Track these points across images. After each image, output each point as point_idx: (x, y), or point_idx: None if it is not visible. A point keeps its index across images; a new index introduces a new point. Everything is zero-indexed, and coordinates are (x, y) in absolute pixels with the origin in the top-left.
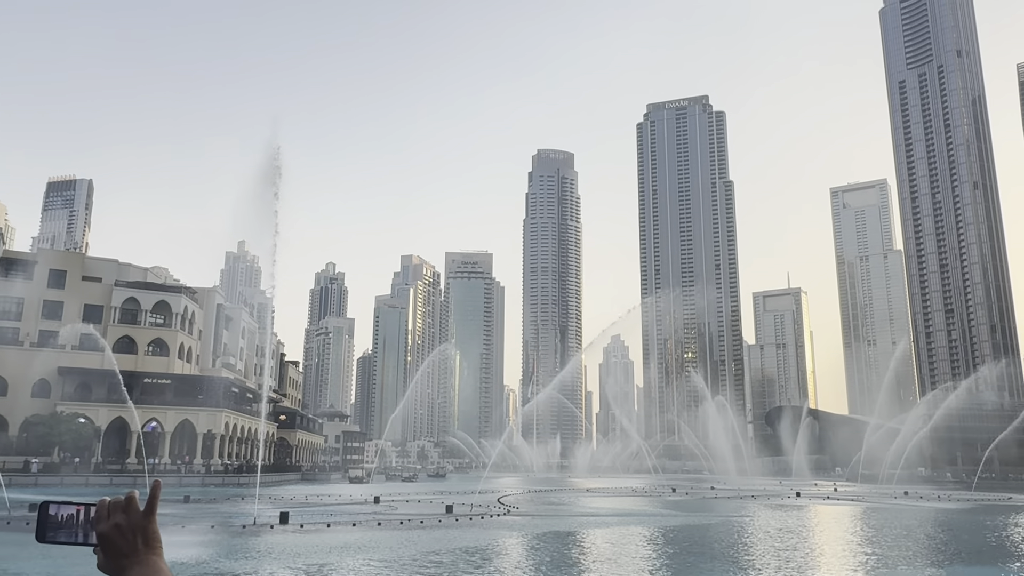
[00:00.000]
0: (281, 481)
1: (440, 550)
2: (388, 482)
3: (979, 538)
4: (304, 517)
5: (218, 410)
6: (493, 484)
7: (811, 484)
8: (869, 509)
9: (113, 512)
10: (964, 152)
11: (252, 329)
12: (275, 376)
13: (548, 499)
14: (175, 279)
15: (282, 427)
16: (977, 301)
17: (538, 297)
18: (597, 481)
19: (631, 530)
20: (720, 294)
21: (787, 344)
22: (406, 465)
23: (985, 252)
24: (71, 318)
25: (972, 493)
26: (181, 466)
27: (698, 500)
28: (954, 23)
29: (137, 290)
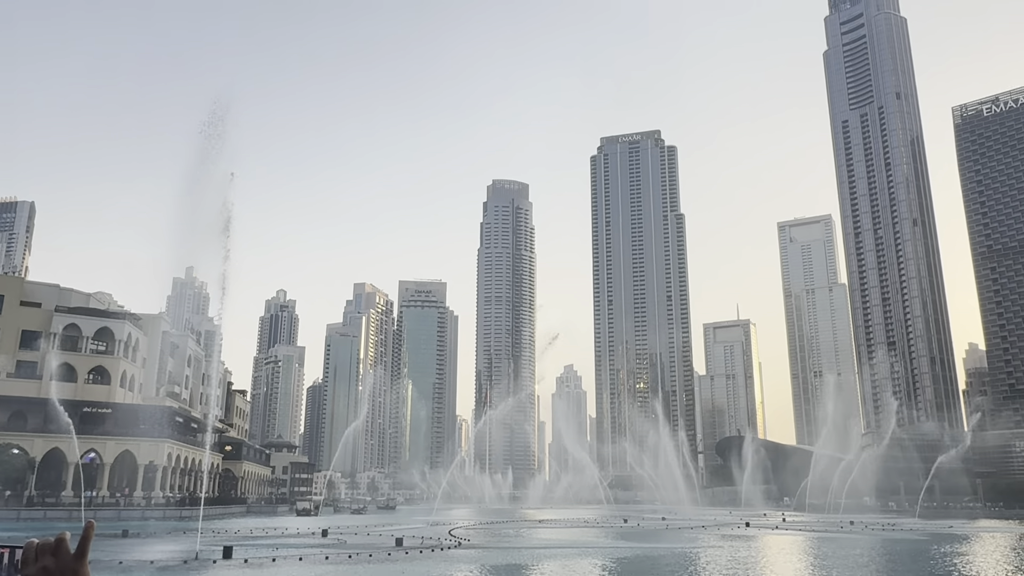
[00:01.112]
0: (225, 514)
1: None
2: (336, 514)
3: (923, 568)
4: (249, 552)
5: (161, 440)
6: (444, 516)
7: (760, 514)
8: (816, 539)
9: (41, 555)
10: (904, 190)
11: (199, 357)
12: (222, 405)
13: (500, 531)
14: (119, 305)
15: (228, 458)
16: (918, 334)
17: (492, 326)
18: (549, 512)
19: (583, 562)
20: (672, 325)
21: (737, 375)
22: (355, 497)
23: (924, 287)
24: (7, 345)
25: (915, 521)
26: (120, 499)
27: (650, 531)
28: (893, 67)
29: (78, 316)
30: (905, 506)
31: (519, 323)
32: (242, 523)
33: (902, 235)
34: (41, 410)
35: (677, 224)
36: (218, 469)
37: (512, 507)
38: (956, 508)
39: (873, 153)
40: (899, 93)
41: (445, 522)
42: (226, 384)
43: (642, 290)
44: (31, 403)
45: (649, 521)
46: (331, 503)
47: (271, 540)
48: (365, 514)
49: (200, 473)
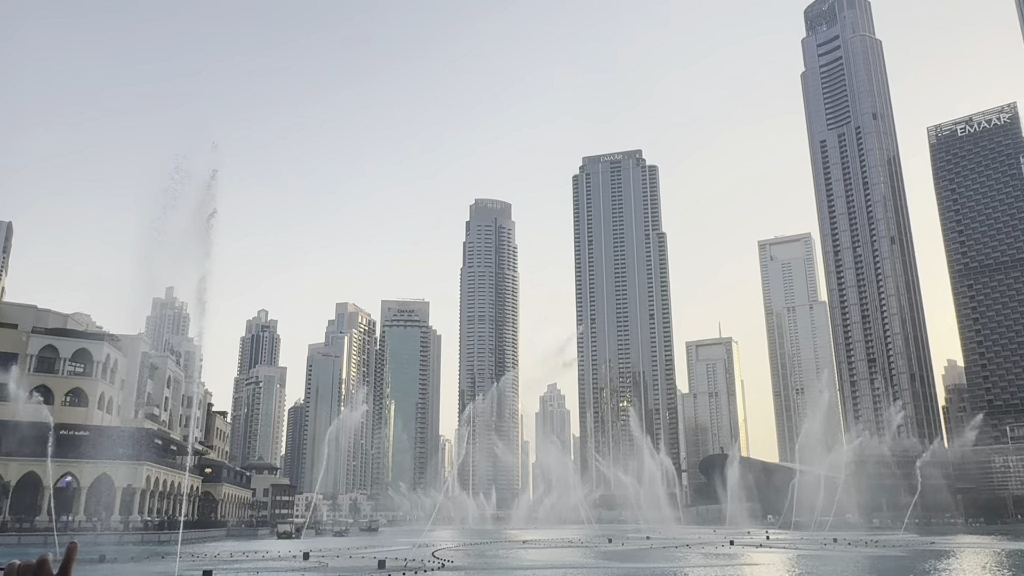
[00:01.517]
0: (205, 537)
1: None
2: (318, 537)
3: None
4: (228, 575)
5: (139, 463)
6: (428, 537)
7: (744, 532)
8: (800, 557)
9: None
10: (882, 208)
11: (178, 378)
12: (201, 427)
13: (484, 552)
14: (98, 326)
15: (208, 480)
16: (897, 351)
17: (475, 346)
18: (534, 532)
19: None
20: (654, 343)
21: (719, 393)
22: (337, 519)
23: (903, 304)
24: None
25: (898, 538)
26: (97, 523)
27: (634, 550)
28: (869, 88)
29: (56, 337)
30: (888, 522)
31: (502, 342)
32: (222, 546)
33: (880, 253)
34: (16, 433)
35: (659, 243)
36: (198, 492)
37: (496, 528)
38: (938, 524)
39: (851, 172)
40: (875, 113)
41: (428, 543)
42: (206, 405)
43: (625, 309)
44: (6, 426)
45: (633, 541)
46: (313, 525)
47: (252, 564)
48: (347, 536)
49: (179, 496)
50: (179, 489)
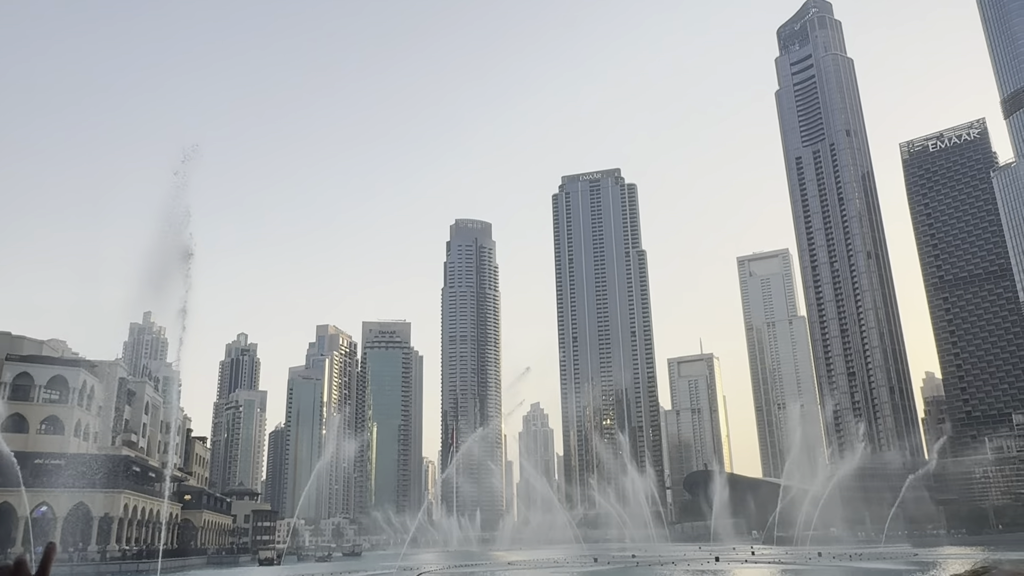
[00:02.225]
0: (185, 566)
1: None
2: (300, 563)
3: None
4: None
5: (117, 491)
6: (412, 560)
7: (730, 548)
8: (785, 572)
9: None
10: (857, 224)
11: (156, 404)
12: (180, 453)
13: (469, 574)
14: (74, 352)
15: (187, 507)
16: (876, 364)
17: (457, 366)
18: (519, 554)
19: None
20: (636, 361)
21: (702, 409)
22: (320, 544)
23: (881, 317)
24: None
25: (882, 550)
26: (74, 554)
27: (620, 569)
28: (842, 105)
29: (30, 364)
30: (872, 535)
31: (484, 362)
32: (202, 575)
33: (857, 268)
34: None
35: (639, 260)
36: (177, 519)
37: (481, 549)
38: (921, 536)
39: (826, 188)
40: (849, 130)
41: (413, 567)
42: (185, 431)
43: (606, 327)
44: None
45: (619, 559)
46: (295, 551)
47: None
48: (330, 561)
49: (158, 524)
50: (158, 517)
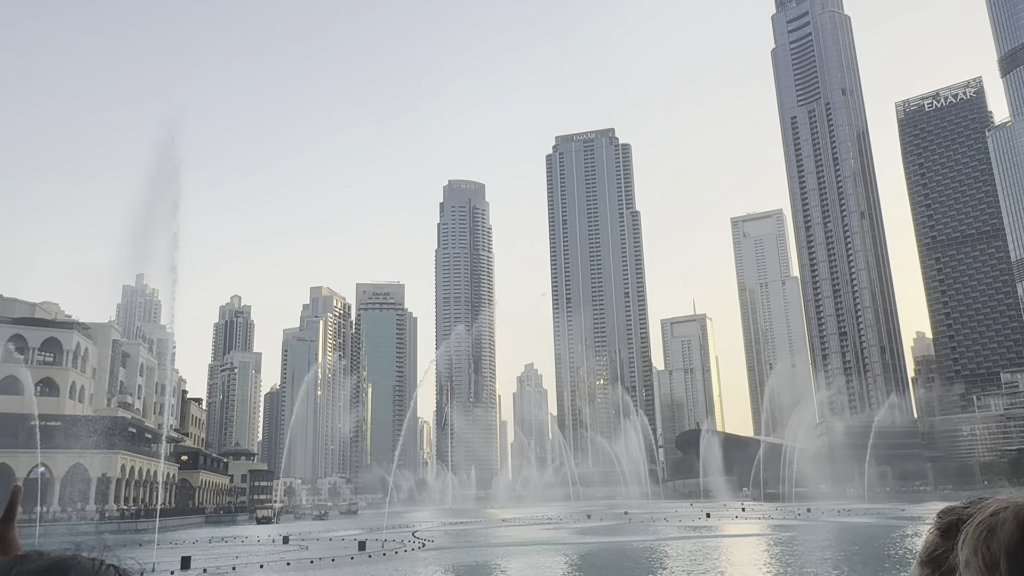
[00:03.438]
0: (183, 525)
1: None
2: (297, 521)
3: (881, 550)
4: (208, 561)
5: (114, 452)
6: (408, 518)
7: (721, 505)
8: (775, 527)
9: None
10: (851, 184)
11: (151, 366)
12: (176, 415)
13: (464, 531)
14: (67, 315)
15: (184, 468)
16: (868, 324)
17: (451, 327)
18: (513, 511)
19: (547, 559)
20: (630, 321)
21: (695, 369)
22: (316, 503)
23: (873, 278)
24: None
25: (869, 507)
26: (73, 513)
27: (613, 526)
28: (839, 64)
29: (24, 326)
30: (859, 492)
31: (478, 323)
32: (200, 533)
33: (851, 228)
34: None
35: (633, 221)
36: (174, 479)
37: (476, 507)
38: (908, 492)
39: (821, 148)
40: (844, 89)
41: (408, 524)
42: (180, 393)
43: (600, 287)
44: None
45: (612, 517)
46: (292, 510)
47: (231, 549)
48: (327, 519)
49: (155, 484)
50: (155, 477)
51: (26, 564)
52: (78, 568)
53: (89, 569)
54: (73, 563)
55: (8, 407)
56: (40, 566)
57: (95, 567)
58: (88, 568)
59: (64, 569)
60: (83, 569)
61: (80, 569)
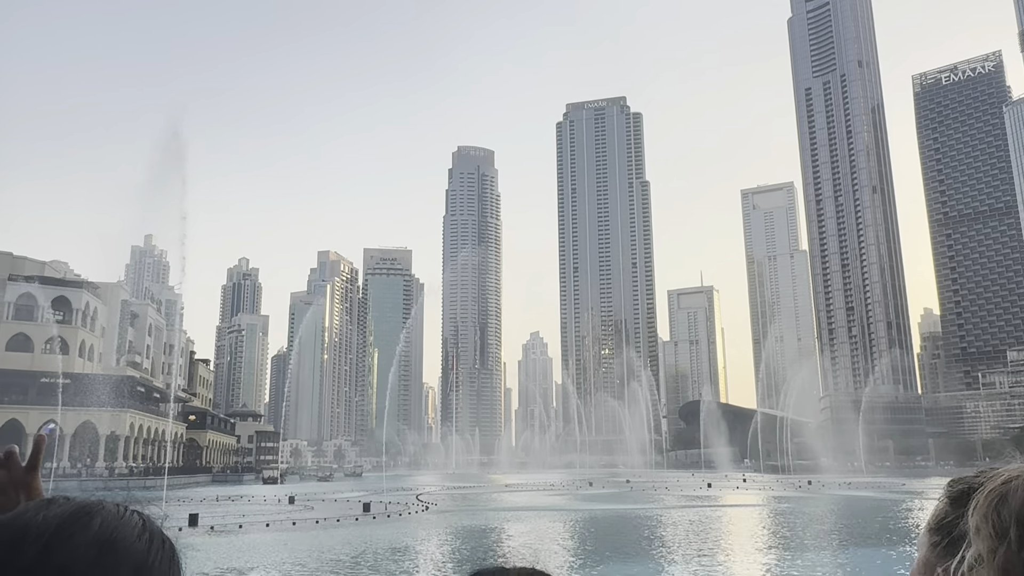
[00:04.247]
0: (190, 483)
1: (356, 548)
2: (303, 482)
3: (878, 523)
4: (215, 519)
5: (122, 411)
6: (412, 481)
7: (722, 476)
8: (776, 498)
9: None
10: (864, 158)
11: (160, 326)
12: (184, 375)
13: (467, 495)
14: (76, 274)
15: (192, 427)
16: (875, 299)
17: (458, 294)
18: (516, 477)
19: (548, 523)
20: (636, 291)
21: (700, 340)
22: (322, 465)
23: (883, 253)
24: None
25: (870, 480)
26: (82, 470)
27: (614, 493)
28: (856, 35)
29: (33, 285)
30: (861, 466)
31: (485, 290)
32: (207, 491)
33: (862, 202)
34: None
35: (642, 191)
36: (182, 439)
37: (479, 473)
38: (909, 467)
39: (835, 121)
40: (861, 61)
41: (412, 487)
42: (188, 353)
43: (607, 257)
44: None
45: (614, 484)
46: (297, 471)
47: (237, 507)
48: (332, 481)
49: (164, 443)
50: (163, 436)
51: (53, 508)
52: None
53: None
54: (99, 508)
55: (18, 364)
56: (67, 510)
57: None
58: (113, 513)
59: (90, 514)
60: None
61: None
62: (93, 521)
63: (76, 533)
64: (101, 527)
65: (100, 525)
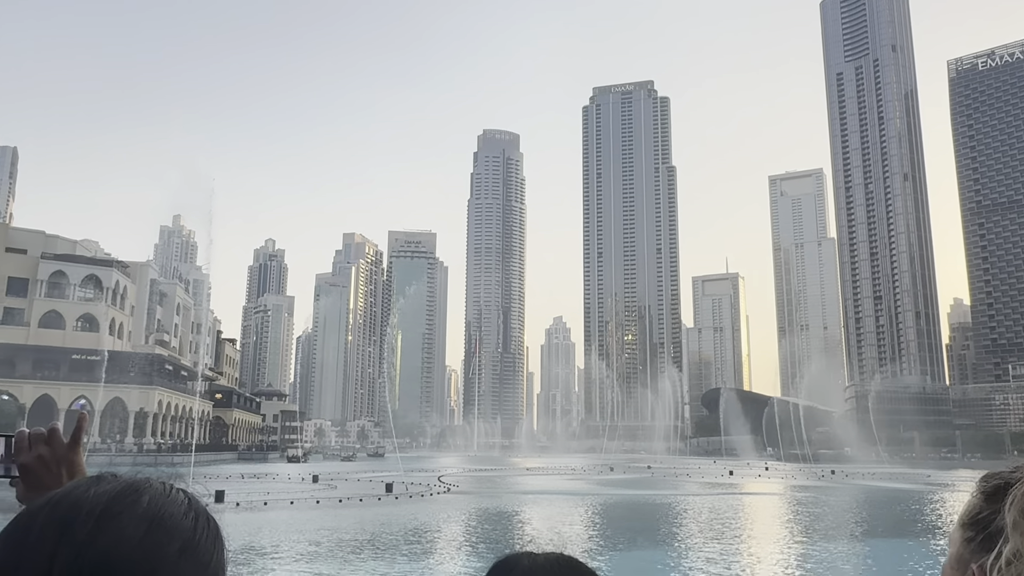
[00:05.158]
0: (217, 460)
1: (379, 527)
2: (326, 461)
3: (902, 514)
4: (240, 496)
5: (151, 388)
6: (433, 463)
7: (744, 463)
8: (797, 487)
9: (35, 443)
10: (896, 145)
11: (187, 305)
12: (211, 354)
13: (488, 478)
14: (106, 253)
15: (218, 406)
16: (904, 289)
17: (481, 278)
18: (537, 460)
19: (568, 507)
20: (661, 277)
21: (724, 328)
22: (345, 445)
23: (912, 242)
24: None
25: (895, 471)
26: (112, 445)
27: (635, 479)
28: (890, 18)
29: (65, 263)
30: (885, 457)
31: (509, 274)
32: (233, 468)
33: (892, 190)
34: (30, 357)
35: (668, 176)
36: (209, 416)
37: (500, 456)
38: (935, 459)
39: (866, 106)
40: (895, 45)
41: (434, 469)
42: (215, 333)
43: (632, 242)
44: (20, 350)
45: (635, 470)
46: (321, 450)
47: (263, 485)
48: (354, 461)
49: (191, 420)
50: (190, 413)
51: (102, 486)
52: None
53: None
54: (146, 486)
55: (51, 340)
56: (116, 488)
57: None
58: (160, 491)
59: (138, 491)
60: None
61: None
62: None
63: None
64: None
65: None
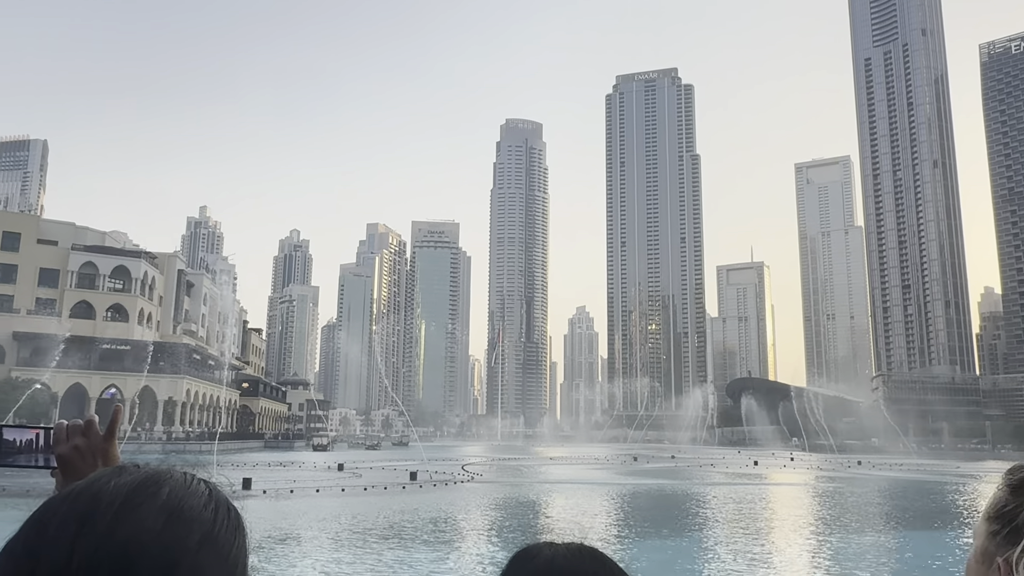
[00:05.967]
0: (243, 448)
1: (404, 515)
2: (351, 450)
3: (930, 506)
4: (267, 484)
5: (179, 377)
6: (458, 452)
7: (769, 454)
8: (823, 478)
9: (72, 435)
10: (925, 131)
11: (214, 295)
12: (238, 343)
13: (512, 467)
14: (134, 244)
15: (245, 395)
16: (933, 277)
17: (504, 268)
18: (561, 450)
19: (592, 496)
20: (685, 267)
21: (749, 317)
22: (370, 434)
23: (942, 230)
24: (25, 282)
25: (923, 463)
26: (141, 433)
27: (659, 469)
28: (920, 2)
29: (95, 254)
30: (913, 448)
31: (532, 264)
32: (259, 457)
33: (922, 177)
34: (61, 346)
35: (693, 165)
36: (235, 405)
37: (523, 445)
38: (964, 450)
39: (895, 92)
40: (925, 29)
41: (458, 458)
42: (242, 323)
43: (656, 232)
44: (51, 339)
45: (659, 460)
46: (345, 439)
47: (289, 473)
48: (379, 450)
49: (218, 409)
50: (217, 402)
51: (124, 476)
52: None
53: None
54: (167, 477)
55: (81, 330)
56: (137, 478)
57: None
58: (181, 483)
59: (159, 482)
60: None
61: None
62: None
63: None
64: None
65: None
